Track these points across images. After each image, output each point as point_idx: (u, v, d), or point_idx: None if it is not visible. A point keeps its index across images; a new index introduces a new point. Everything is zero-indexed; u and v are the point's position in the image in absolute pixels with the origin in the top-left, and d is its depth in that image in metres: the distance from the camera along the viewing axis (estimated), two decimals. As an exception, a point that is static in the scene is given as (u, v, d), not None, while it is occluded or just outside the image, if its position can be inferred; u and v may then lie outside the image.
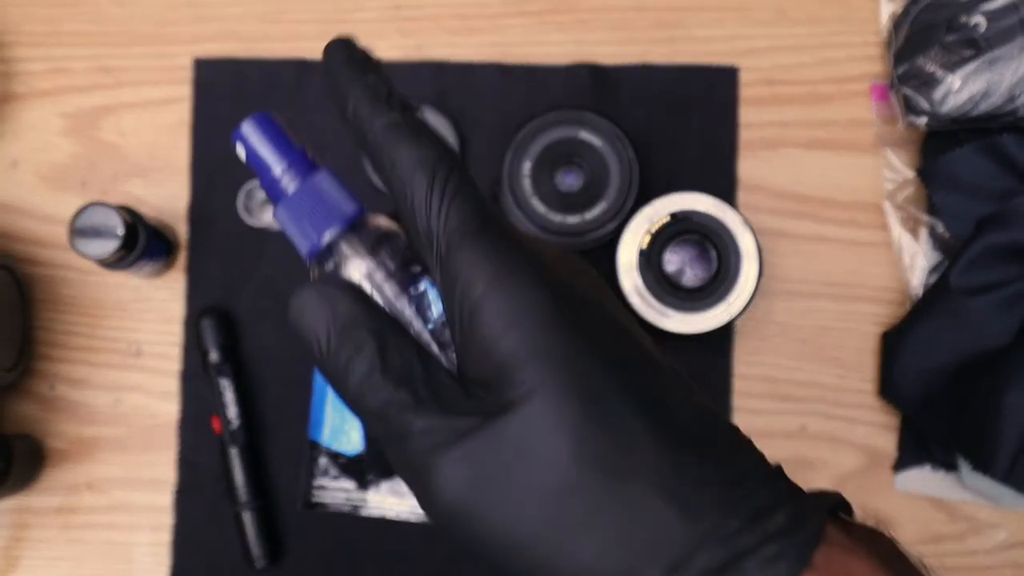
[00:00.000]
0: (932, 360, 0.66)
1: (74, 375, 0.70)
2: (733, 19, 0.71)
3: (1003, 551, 0.68)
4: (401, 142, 0.29)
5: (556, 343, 0.27)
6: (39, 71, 0.72)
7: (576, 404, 0.26)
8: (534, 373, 0.27)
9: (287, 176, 0.31)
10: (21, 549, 0.69)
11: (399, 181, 0.29)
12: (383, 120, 0.30)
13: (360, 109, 0.30)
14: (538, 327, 0.27)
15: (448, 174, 0.29)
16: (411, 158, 0.29)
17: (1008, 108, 0.65)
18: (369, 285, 0.30)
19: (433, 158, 0.29)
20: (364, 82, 0.30)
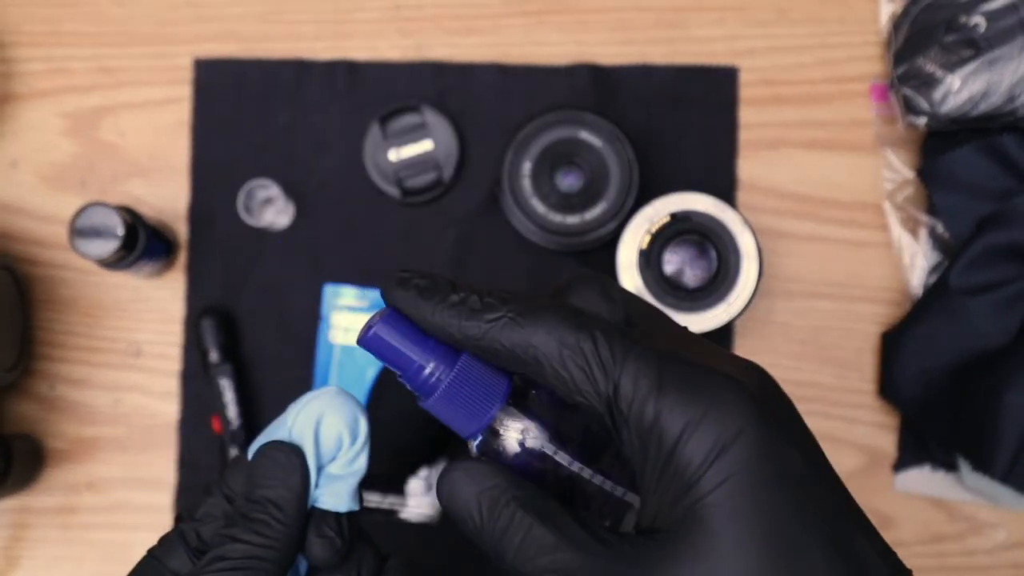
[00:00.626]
0: (932, 360, 0.66)
1: (74, 375, 0.70)
2: (733, 19, 0.71)
3: (1003, 551, 0.68)
4: (534, 328, 0.28)
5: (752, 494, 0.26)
6: (39, 71, 0.72)
7: (766, 558, 0.26)
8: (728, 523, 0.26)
9: (438, 372, 0.30)
10: (21, 549, 0.69)
11: (550, 368, 0.28)
12: (496, 319, 0.29)
13: (467, 330, 0.29)
14: (738, 472, 0.27)
15: (588, 336, 0.28)
16: (550, 342, 0.28)
17: (1008, 108, 0.65)
18: (526, 443, 0.30)
19: (565, 328, 0.28)
20: (450, 303, 0.29)
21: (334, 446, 0.34)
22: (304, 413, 0.34)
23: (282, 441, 0.33)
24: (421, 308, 0.29)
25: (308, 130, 0.71)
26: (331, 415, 0.34)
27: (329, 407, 0.34)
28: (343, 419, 0.34)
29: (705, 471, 0.26)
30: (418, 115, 0.69)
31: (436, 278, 0.30)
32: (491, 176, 0.70)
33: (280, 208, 0.68)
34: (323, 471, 0.34)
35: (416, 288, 0.30)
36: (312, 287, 0.70)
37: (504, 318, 0.28)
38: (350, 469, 0.34)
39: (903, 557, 0.74)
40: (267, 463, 0.33)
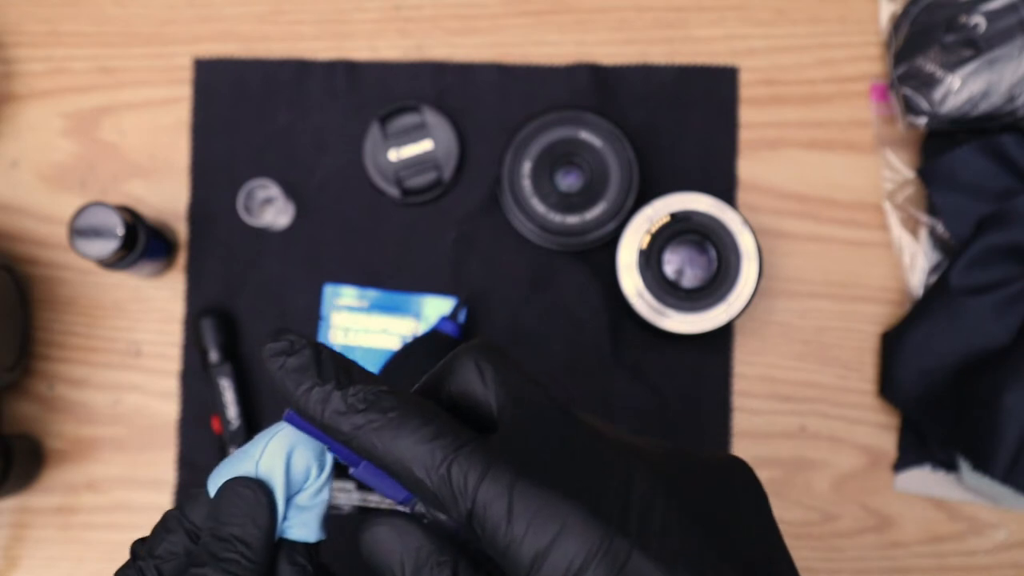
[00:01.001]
0: (932, 360, 0.66)
1: (74, 375, 0.70)
2: (733, 19, 0.71)
3: (1003, 551, 0.68)
4: (395, 442, 0.29)
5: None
6: (39, 71, 0.72)
7: None
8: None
9: None
10: (21, 549, 0.69)
11: (411, 484, 0.29)
12: (360, 426, 0.29)
13: (338, 426, 0.30)
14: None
15: (452, 466, 0.28)
16: (410, 460, 0.29)
17: (1008, 108, 0.65)
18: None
19: (424, 451, 0.29)
20: (315, 398, 0.30)
21: (303, 478, 0.34)
22: (274, 445, 0.34)
23: (249, 477, 0.33)
24: (290, 393, 0.30)
25: (308, 130, 0.71)
26: (301, 447, 0.34)
27: (299, 439, 0.34)
28: (312, 451, 0.34)
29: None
30: (418, 115, 0.69)
31: (302, 356, 0.30)
32: (491, 176, 0.70)
33: (280, 208, 0.68)
34: (291, 502, 0.34)
35: (283, 369, 0.30)
36: (312, 287, 0.70)
37: (370, 420, 0.29)
38: (317, 500, 0.35)
39: (903, 557, 0.74)
40: (235, 500, 0.33)
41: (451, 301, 0.69)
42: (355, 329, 0.69)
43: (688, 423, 0.69)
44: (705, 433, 0.69)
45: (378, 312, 0.69)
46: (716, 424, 0.69)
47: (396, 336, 0.69)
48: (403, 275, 0.70)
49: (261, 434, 0.35)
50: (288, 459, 0.34)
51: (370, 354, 0.69)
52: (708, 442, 0.69)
